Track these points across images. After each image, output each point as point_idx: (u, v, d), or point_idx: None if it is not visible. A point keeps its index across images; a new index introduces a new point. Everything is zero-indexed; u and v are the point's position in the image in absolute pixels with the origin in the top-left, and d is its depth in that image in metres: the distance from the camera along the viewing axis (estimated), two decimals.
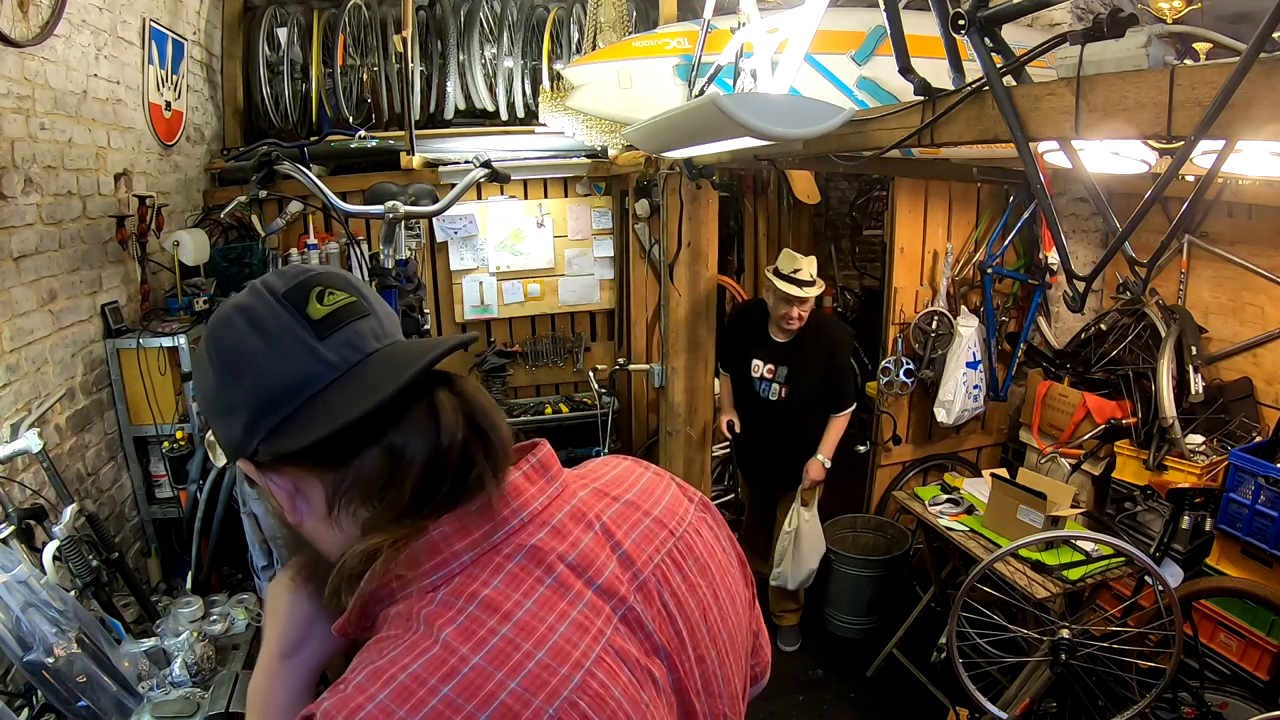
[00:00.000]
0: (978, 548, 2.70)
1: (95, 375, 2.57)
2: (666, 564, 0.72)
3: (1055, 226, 1.65)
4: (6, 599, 1.57)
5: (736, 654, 0.78)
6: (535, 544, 0.64)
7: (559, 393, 4.33)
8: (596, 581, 0.65)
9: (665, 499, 0.79)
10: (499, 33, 3.94)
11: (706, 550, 0.78)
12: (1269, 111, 0.96)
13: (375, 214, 2.31)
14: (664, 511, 0.76)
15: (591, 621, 0.62)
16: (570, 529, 0.67)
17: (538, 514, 0.66)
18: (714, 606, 0.75)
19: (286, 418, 0.62)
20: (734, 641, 0.77)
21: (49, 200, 2.32)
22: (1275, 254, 2.98)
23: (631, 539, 0.71)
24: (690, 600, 0.72)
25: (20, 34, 2.10)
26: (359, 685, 0.56)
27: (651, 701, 0.63)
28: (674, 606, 0.70)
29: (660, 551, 0.72)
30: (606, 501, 0.73)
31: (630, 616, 0.66)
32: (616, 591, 0.66)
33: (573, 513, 0.69)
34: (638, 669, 0.63)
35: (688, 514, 0.79)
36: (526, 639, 0.58)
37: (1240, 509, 2.45)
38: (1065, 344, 3.61)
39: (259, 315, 0.63)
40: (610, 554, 0.68)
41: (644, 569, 0.69)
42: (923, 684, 3.03)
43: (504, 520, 0.64)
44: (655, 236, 3.90)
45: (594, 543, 0.67)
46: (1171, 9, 1.39)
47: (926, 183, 3.56)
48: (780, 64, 2.07)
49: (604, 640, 0.62)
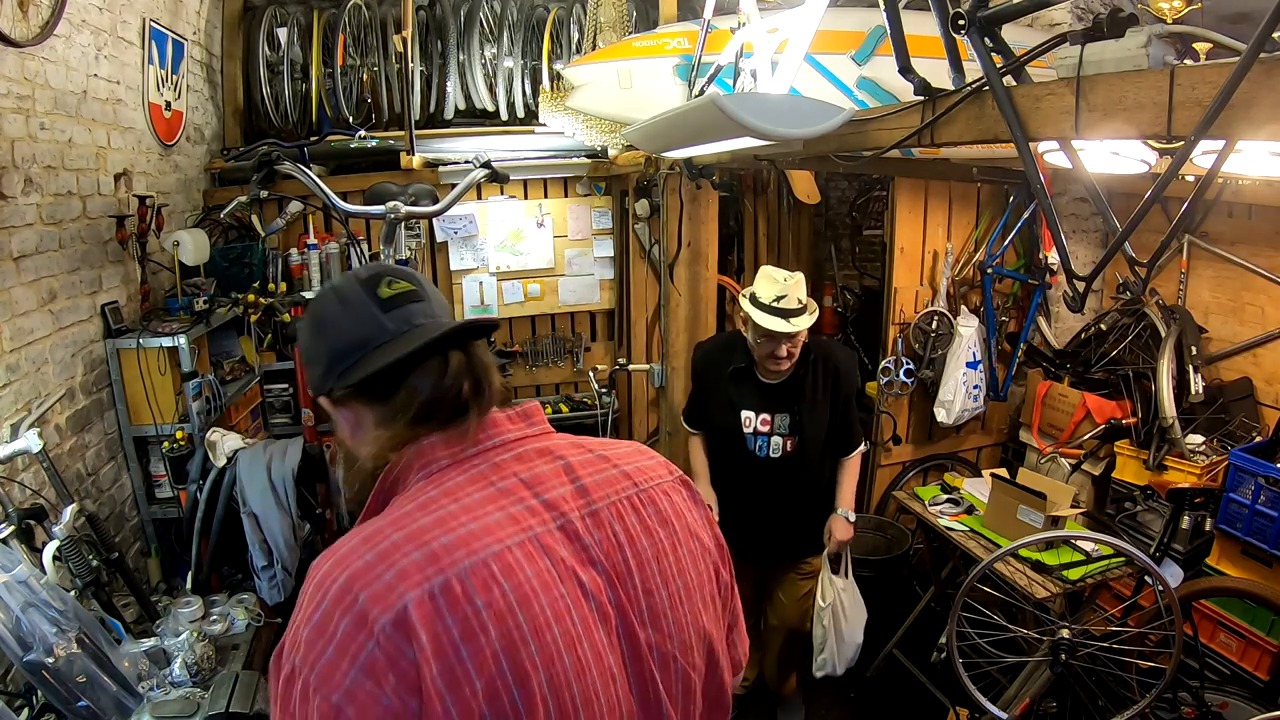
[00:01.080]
0: (978, 548, 2.70)
1: (95, 375, 2.57)
2: (624, 505, 0.86)
3: (1055, 226, 1.65)
4: (6, 599, 1.57)
5: (694, 608, 0.88)
6: (498, 460, 0.83)
7: (559, 393, 4.33)
8: (543, 496, 0.81)
9: (641, 462, 0.93)
10: (499, 33, 3.94)
11: (673, 510, 0.91)
12: (1269, 111, 0.96)
13: (377, 214, 2.32)
14: (635, 469, 0.91)
15: (525, 519, 0.78)
16: (533, 459, 0.85)
17: (509, 443, 0.85)
18: (670, 554, 0.87)
19: (354, 364, 0.84)
20: (690, 593, 0.88)
21: (49, 200, 2.32)
22: (1275, 254, 2.98)
23: (593, 479, 0.86)
24: (644, 540, 0.85)
25: (20, 34, 2.10)
26: (345, 538, 0.77)
27: (572, 599, 0.76)
28: (624, 539, 0.84)
29: (620, 494, 0.86)
30: (580, 450, 0.89)
31: (569, 528, 0.80)
32: (559, 507, 0.81)
33: (541, 450, 0.86)
34: (562, 567, 0.77)
35: (661, 478, 0.93)
36: (465, 515, 0.76)
37: (1240, 509, 2.45)
38: (1065, 344, 3.61)
39: (344, 292, 0.88)
40: (566, 482, 0.84)
41: (598, 501, 0.84)
42: (923, 684, 3.03)
43: (478, 440, 0.84)
44: (655, 236, 3.90)
45: (552, 472, 0.84)
46: (1171, 9, 1.39)
47: (926, 183, 3.56)
48: (780, 64, 2.07)
49: (531, 534, 0.77)
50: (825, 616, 2.59)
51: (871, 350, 3.97)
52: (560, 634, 0.74)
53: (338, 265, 3.64)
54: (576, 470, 0.85)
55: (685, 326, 3.30)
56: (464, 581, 0.70)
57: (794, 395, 2.47)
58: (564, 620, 0.75)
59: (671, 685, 0.85)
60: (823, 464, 2.57)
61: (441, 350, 0.84)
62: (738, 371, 2.50)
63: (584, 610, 0.77)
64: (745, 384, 2.50)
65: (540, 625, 0.73)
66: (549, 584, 0.75)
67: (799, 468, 2.52)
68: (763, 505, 2.56)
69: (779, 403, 2.48)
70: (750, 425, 2.50)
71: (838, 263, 5.07)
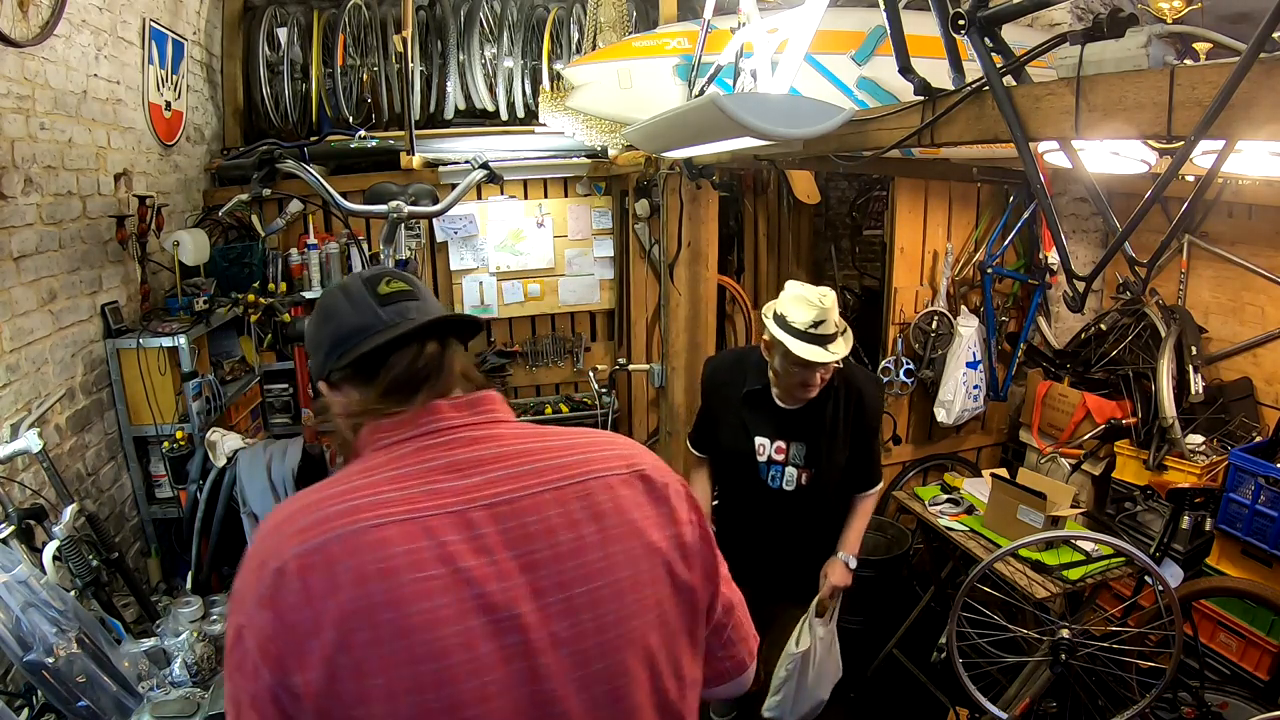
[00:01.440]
0: (978, 548, 2.70)
1: (95, 375, 2.57)
2: (548, 496, 0.86)
3: (1055, 226, 1.65)
4: (6, 599, 1.57)
5: (623, 609, 0.86)
6: (426, 444, 0.89)
7: (559, 393, 4.33)
8: (450, 482, 0.85)
9: (592, 453, 0.92)
10: (499, 33, 3.94)
11: (613, 504, 0.89)
12: (1269, 111, 0.96)
13: (379, 213, 2.32)
14: (578, 460, 0.91)
15: (420, 500, 0.82)
16: (460, 446, 0.89)
17: (443, 430, 0.90)
18: (597, 549, 0.86)
19: (351, 348, 0.94)
20: (620, 593, 0.86)
21: (49, 200, 2.32)
22: (1275, 254, 2.98)
23: (521, 469, 0.87)
24: (565, 533, 0.85)
25: (20, 34, 2.10)
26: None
27: (448, 582, 0.79)
28: (539, 529, 0.84)
29: (547, 485, 0.87)
30: (524, 440, 0.91)
31: (466, 515, 0.83)
32: (464, 494, 0.84)
33: (475, 438, 0.90)
34: (444, 550, 0.80)
35: (609, 470, 0.91)
36: (368, 490, 0.83)
37: (1240, 509, 2.45)
38: (1065, 344, 3.61)
39: (349, 288, 0.98)
40: (484, 470, 0.86)
41: (518, 491, 0.85)
42: (923, 684, 3.03)
43: (417, 424, 0.90)
44: (655, 236, 3.90)
45: (472, 459, 0.87)
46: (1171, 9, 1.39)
47: (926, 183, 3.56)
48: (780, 64, 2.07)
49: (419, 515, 0.81)
50: (792, 662, 2.31)
51: (871, 350, 3.97)
52: (424, 609, 0.77)
53: (338, 265, 3.64)
54: (505, 459, 0.88)
55: (685, 326, 3.30)
56: (339, 544, 0.78)
57: (812, 423, 2.23)
58: (432, 598, 0.78)
59: (591, 685, 0.83)
60: (839, 500, 2.35)
61: (421, 338, 0.94)
62: (752, 395, 2.26)
63: (461, 595, 0.79)
64: (760, 408, 2.27)
65: (402, 598, 0.77)
66: (421, 563, 0.79)
67: (813, 502, 2.29)
68: (772, 540, 2.35)
69: (796, 431, 2.25)
70: (764, 453, 2.28)
71: (838, 263, 5.07)
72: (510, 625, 0.81)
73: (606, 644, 0.84)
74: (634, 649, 0.86)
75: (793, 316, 2.07)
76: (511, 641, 0.80)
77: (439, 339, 0.95)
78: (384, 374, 0.92)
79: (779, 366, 2.15)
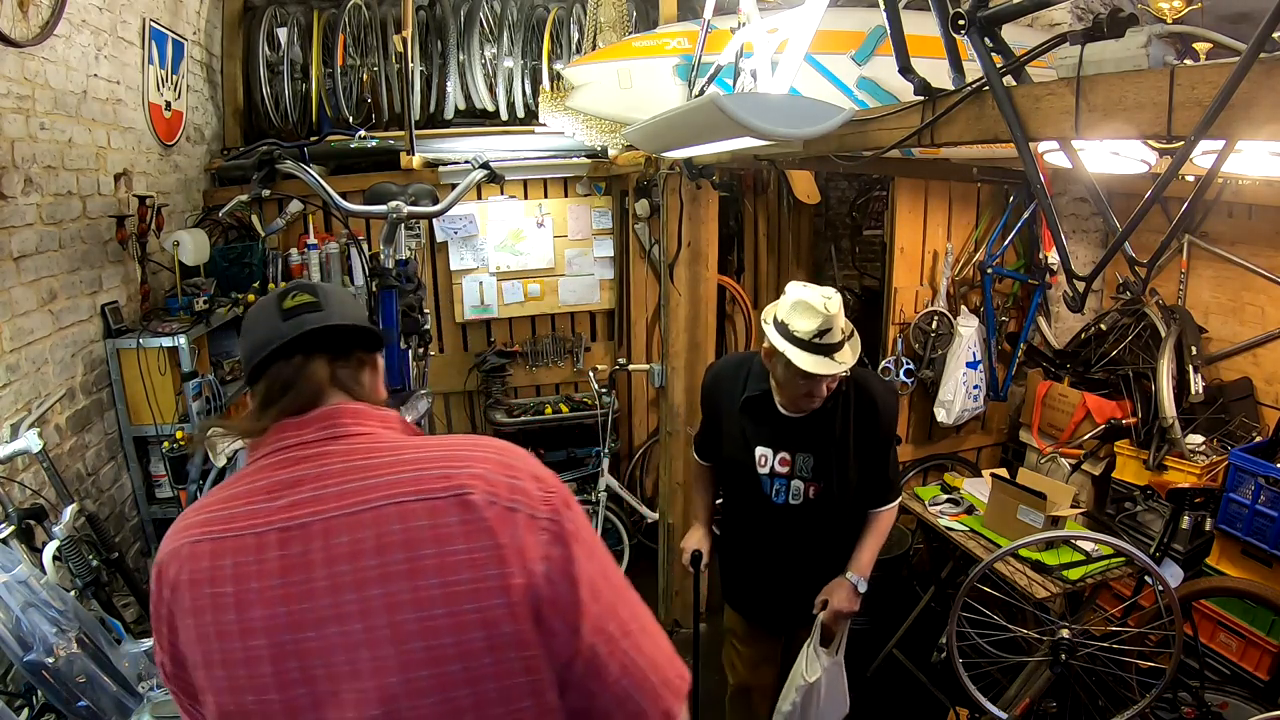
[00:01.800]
0: (978, 548, 2.70)
1: (95, 375, 2.57)
2: (339, 522, 0.82)
3: (1055, 226, 1.65)
4: (6, 599, 1.57)
5: (398, 632, 0.79)
6: (265, 464, 0.89)
7: (559, 393, 4.33)
8: (264, 504, 0.86)
9: (410, 474, 0.84)
10: (499, 33, 3.94)
11: (404, 536, 0.80)
12: (1269, 111, 0.95)
13: (379, 214, 2.31)
14: (388, 481, 0.84)
15: (238, 520, 0.85)
16: (286, 466, 0.88)
17: (279, 450, 0.90)
18: (375, 585, 0.80)
19: (248, 363, 0.96)
20: (403, 633, 0.79)
21: (49, 200, 2.32)
22: (1275, 254, 2.98)
23: (330, 490, 0.84)
24: (346, 564, 0.81)
25: (20, 34, 2.10)
26: None
27: (235, 599, 0.82)
28: (322, 558, 0.82)
29: (342, 510, 0.83)
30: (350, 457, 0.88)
31: (266, 538, 0.83)
32: (267, 516, 0.84)
33: (303, 457, 0.88)
34: (237, 570, 0.83)
35: (417, 495, 0.82)
36: (215, 504, 0.88)
37: (1240, 509, 2.45)
38: (1065, 344, 3.61)
39: (264, 303, 1.00)
40: (294, 492, 0.85)
41: (316, 514, 0.83)
42: (923, 684, 3.03)
43: (268, 443, 0.91)
44: (655, 236, 3.90)
45: (291, 480, 0.86)
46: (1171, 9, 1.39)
47: (926, 183, 3.56)
48: (780, 64, 2.07)
49: (229, 536, 0.84)
50: (797, 694, 2.15)
51: (872, 350, 3.97)
52: (219, 622, 0.82)
53: (338, 265, 3.65)
54: (323, 479, 0.85)
55: (685, 326, 3.30)
56: (174, 554, 0.87)
57: (820, 432, 2.04)
58: (223, 613, 0.82)
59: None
60: (852, 515, 2.16)
61: (289, 353, 0.94)
62: (752, 401, 2.09)
63: (245, 615, 0.82)
64: (761, 416, 2.09)
65: (200, 608, 0.83)
66: (219, 579, 0.83)
67: (823, 518, 2.11)
68: (777, 560, 2.17)
69: (802, 441, 2.07)
70: (766, 464, 2.09)
71: (838, 263, 5.07)
72: (287, 651, 0.80)
73: (386, 688, 0.78)
74: (372, 701, 0.78)
75: (795, 325, 1.91)
76: (292, 668, 0.80)
77: (306, 352, 0.93)
78: (262, 387, 0.94)
79: (781, 376, 1.99)
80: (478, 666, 0.79)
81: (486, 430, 4.13)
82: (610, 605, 0.86)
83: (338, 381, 0.95)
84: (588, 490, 3.85)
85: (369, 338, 1.01)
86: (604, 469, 3.84)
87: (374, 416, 0.94)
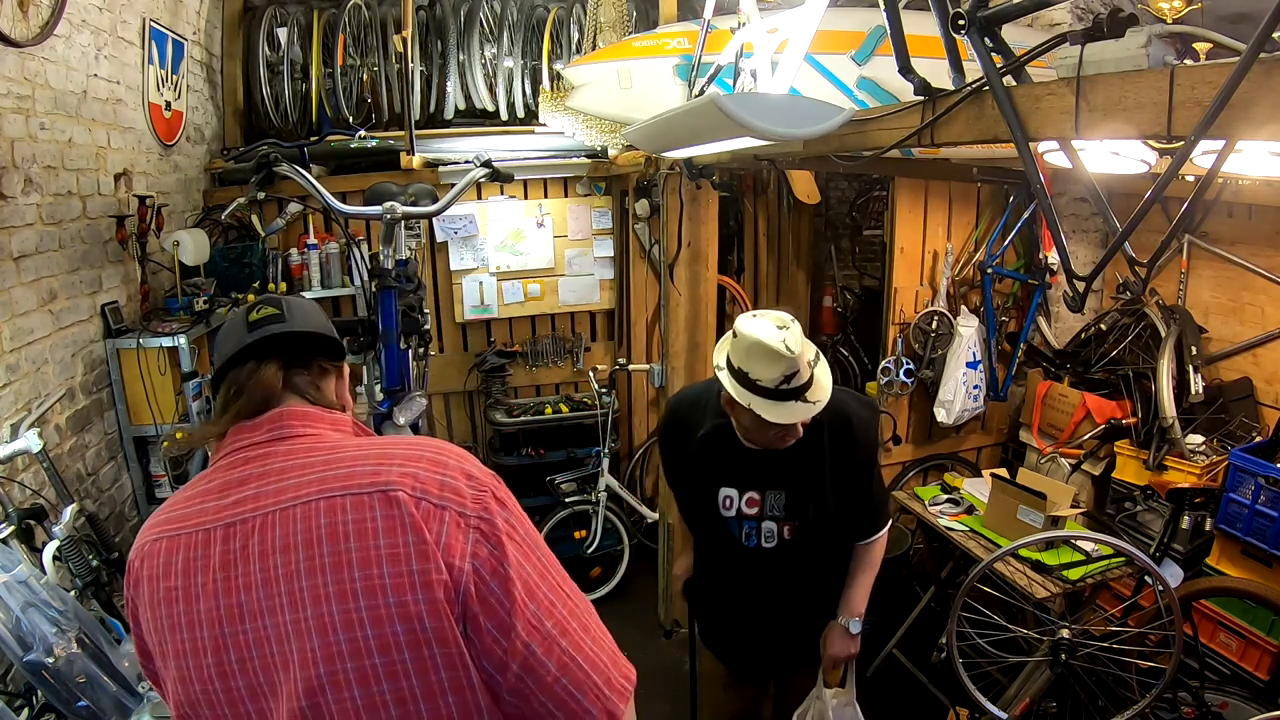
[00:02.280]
0: (978, 548, 2.70)
1: (95, 375, 2.57)
2: (272, 518, 0.85)
3: (1055, 226, 1.65)
4: (6, 599, 1.57)
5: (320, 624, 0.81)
6: (219, 464, 0.93)
7: (559, 393, 4.33)
8: (213, 502, 0.89)
9: (340, 470, 0.87)
10: (499, 33, 3.94)
11: (329, 530, 0.83)
12: (1269, 111, 0.95)
13: (373, 215, 2.32)
14: (319, 478, 0.86)
15: (190, 519, 0.89)
16: (233, 467, 0.92)
17: (231, 450, 0.93)
18: (298, 579, 0.82)
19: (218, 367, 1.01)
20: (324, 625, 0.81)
21: (49, 200, 2.32)
22: (1275, 254, 2.98)
23: (268, 488, 0.87)
24: (276, 558, 0.83)
25: (20, 34, 2.10)
26: None
27: (181, 593, 0.86)
28: (256, 553, 0.84)
29: (275, 506, 0.86)
30: (288, 457, 0.90)
31: (209, 534, 0.87)
32: (212, 514, 0.88)
33: (248, 458, 0.92)
34: (187, 564, 0.87)
35: (343, 491, 0.85)
36: (177, 503, 0.93)
37: (1240, 509, 2.45)
38: (1065, 344, 3.61)
39: (233, 318, 1.03)
40: (235, 491, 0.89)
41: (253, 511, 0.86)
42: (923, 684, 3.03)
43: (225, 445, 0.95)
44: (655, 236, 3.90)
45: (238, 480, 0.90)
46: (1171, 9, 1.39)
47: (926, 183, 3.56)
48: (780, 64, 2.07)
49: (181, 533, 0.88)
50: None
51: (871, 350, 3.97)
52: (168, 614, 0.87)
53: (338, 265, 3.65)
54: (265, 478, 0.89)
55: (685, 326, 3.30)
56: (140, 549, 0.91)
57: (790, 465, 1.79)
58: (172, 605, 0.87)
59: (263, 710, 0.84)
60: (830, 553, 1.94)
61: (243, 359, 0.98)
62: (709, 438, 1.82)
63: (190, 607, 0.86)
64: (722, 452, 1.83)
65: (155, 601, 0.88)
66: (170, 573, 0.87)
67: (802, 559, 1.88)
68: (759, 607, 1.95)
69: (770, 476, 1.82)
70: (732, 506, 1.85)
71: (838, 263, 5.07)
72: (226, 643, 0.84)
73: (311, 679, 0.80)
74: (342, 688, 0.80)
75: (756, 373, 1.62)
76: (228, 659, 0.84)
77: (259, 358, 0.97)
78: (221, 393, 0.99)
79: (748, 424, 1.71)
80: (395, 661, 0.80)
81: (487, 430, 4.13)
82: (546, 604, 0.85)
83: (292, 386, 0.98)
84: (588, 490, 3.85)
85: (332, 347, 1.04)
86: (604, 469, 3.84)
87: (323, 419, 0.96)
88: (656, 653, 3.41)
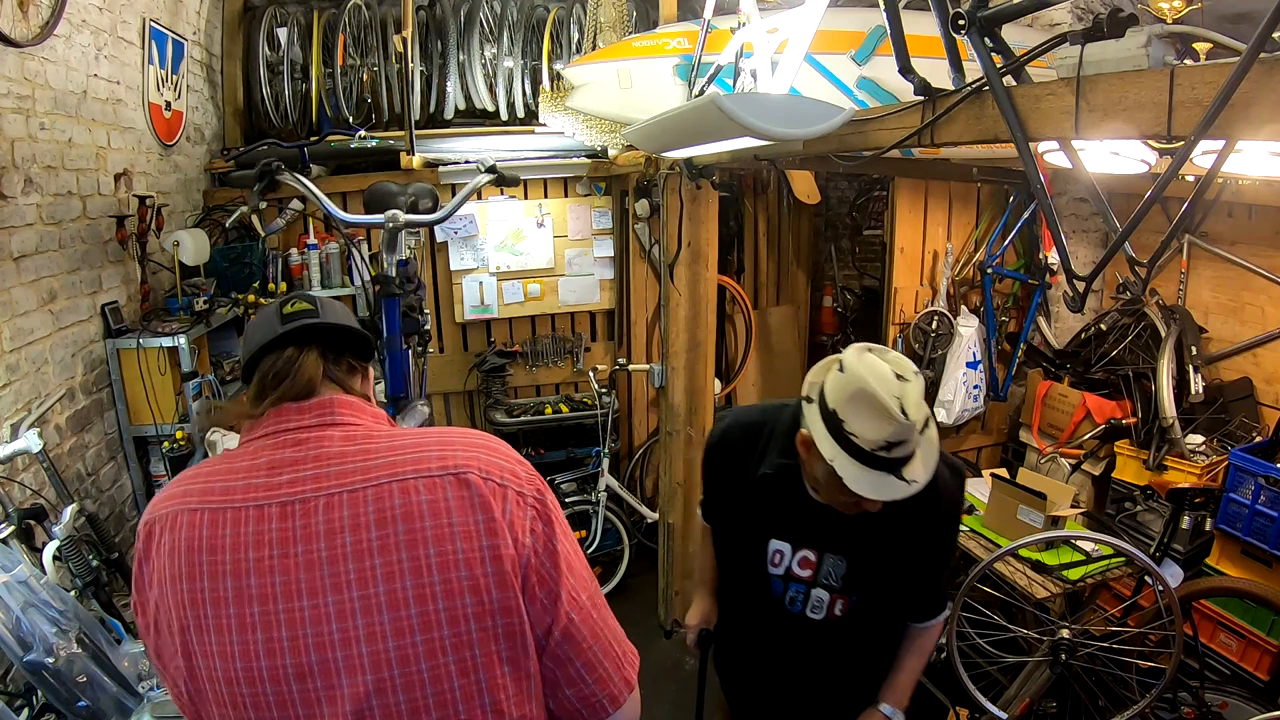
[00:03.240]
0: (978, 548, 2.70)
1: (95, 375, 2.57)
2: (340, 498, 0.87)
3: (1055, 226, 1.65)
4: (6, 599, 1.57)
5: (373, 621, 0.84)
6: (266, 444, 0.93)
7: (559, 393, 4.33)
8: (265, 479, 0.90)
9: (408, 456, 0.90)
10: (499, 33, 3.94)
11: (410, 508, 0.86)
12: (1269, 111, 0.96)
13: (375, 224, 2.32)
14: (386, 462, 0.89)
15: (236, 493, 0.89)
16: (285, 446, 0.92)
17: (278, 431, 0.94)
18: (373, 556, 0.85)
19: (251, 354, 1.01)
20: (396, 600, 0.84)
21: (49, 200, 2.32)
22: (1275, 254, 2.98)
23: (328, 469, 0.89)
24: (346, 535, 0.86)
25: (20, 34, 2.10)
26: None
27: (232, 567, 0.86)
28: (324, 530, 0.86)
29: (343, 487, 0.88)
30: (345, 442, 0.92)
31: (266, 510, 0.88)
32: (269, 490, 0.89)
33: (301, 439, 0.93)
34: (237, 539, 0.86)
35: (419, 471, 0.88)
36: (212, 475, 0.92)
37: (1240, 509, 2.45)
38: (1065, 344, 3.61)
39: (267, 310, 1.04)
40: (294, 470, 0.89)
41: (317, 491, 0.88)
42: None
43: (265, 425, 0.95)
44: (655, 236, 3.90)
45: (290, 459, 0.91)
46: (1171, 9, 1.39)
47: (926, 183, 3.56)
48: (780, 64, 2.07)
49: (228, 507, 0.88)
50: None
51: None
52: (211, 589, 0.86)
53: (338, 265, 3.65)
54: (321, 460, 0.90)
55: (685, 326, 3.30)
56: (170, 518, 0.89)
57: (858, 529, 1.49)
58: (218, 580, 0.86)
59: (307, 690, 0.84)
60: (882, 635, 1.65)
61: (281, 345, 0.99)
62: (770, 480, 1.53)
63: (241, 582, 0.85)
64: (782, 498, 1.55)
65: (194, 574, 0.86)
66: (216, 548, 0.86)
67: (849, 639, 1.60)
68: (792, 676, 1.67)
69: (832, 537, 1.54)
70: (781, 563, 1.57)
71: (838, 263, 5.08)
72: (278, 620, 0.84)
73: (378, 654, 0.84)
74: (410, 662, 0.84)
75: (855, 427, 1.33)
76: (277, 636, 0.84)
77: (299, 345, 0.99)
78: (256, 378, 0.99)
79: (822, 477, 1.42)
80: (462, 633, 0.86)
81: (486, 430, 4.12)
82: (582, 579, 0.95)
83: (331, 375, 1.00)
84: (588, 490, 3.85)
85: (361, 344, 1.06)
86: (604, 469, 3.84)
87: (367, 411, 1.00)
88: (657, 653, 3.41)
